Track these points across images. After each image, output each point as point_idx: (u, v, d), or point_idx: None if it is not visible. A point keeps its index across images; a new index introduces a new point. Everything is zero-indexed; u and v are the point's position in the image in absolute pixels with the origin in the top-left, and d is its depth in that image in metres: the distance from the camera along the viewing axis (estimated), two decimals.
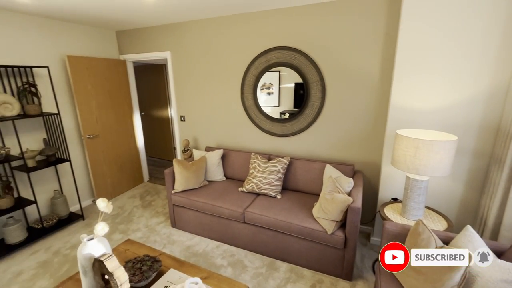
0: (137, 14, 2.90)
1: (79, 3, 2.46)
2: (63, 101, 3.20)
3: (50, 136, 3.04)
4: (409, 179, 1.95)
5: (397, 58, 2.16)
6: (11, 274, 2.31)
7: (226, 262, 2.40)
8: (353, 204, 2.01)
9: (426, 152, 1.71)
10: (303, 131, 2.92)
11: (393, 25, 2.29)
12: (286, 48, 2.76)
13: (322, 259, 2.21)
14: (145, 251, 1.83)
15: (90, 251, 1.38)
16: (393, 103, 2.25)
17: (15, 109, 2.62)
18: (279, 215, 2.32)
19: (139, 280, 1.46)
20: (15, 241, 2.62)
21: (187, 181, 2.79)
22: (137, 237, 2.81)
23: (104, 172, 3.63)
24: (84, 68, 3.26)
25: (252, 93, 3.08)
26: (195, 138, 3.72)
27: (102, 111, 3.54)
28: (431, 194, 2.24)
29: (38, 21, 2.89)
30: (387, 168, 2.42)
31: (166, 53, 3.53)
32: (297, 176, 2.75)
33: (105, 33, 3.66)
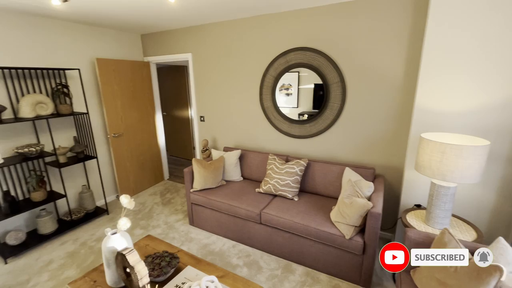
0: (161, 18, 3.01)
1: (109, 9, 2.59)
2: (91, 101, 3.38)
3: (80, 134, 3.23)
4: (434, 185, 1.85)
5: (423, 57, 2.06)
6: (42, 263, 2.48)
7: (242, 262, 2.42)
8: (373, 209, 1.94)
9: (454, 158, 1.62)
10: (322, 132, 2.87)
11: (420, 24, 2.19)
12: (306, 49, 2.74)
13: (340, 264, 2.16)
14: (164, 247, 1.89)
15: (113, 244, 1.45)
16: (418, 105, 2.15)
17: (49, 109, 2.81)
18: (296, 217, 2.30)
19: (158, 275, 1.51)
20: (47, 232, 2.81)
21: (205, 180, 2.85)
22: (156, 233, 2.91)
23: (127, 169, 3.80)
24: (111, 70, 3.43)
25: (271, 94, 3.08)
26: (214, 138, 3.78)
27: (127, 111, 3.70)
28: (459, 202, 2.11)
29: (71, 26, 3.09)
30: (410, 173, 2.31)
31: (188, 54, 3.63)
32: (315, 178, 2.71)
33: (131, 37, 3.83)
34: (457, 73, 1.96)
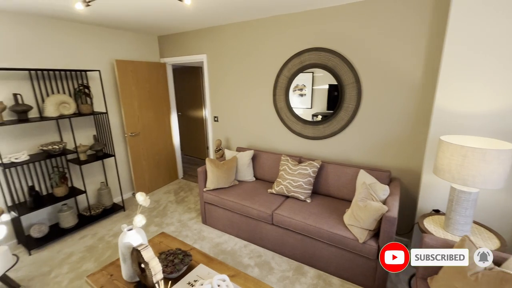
0: (177, 20, 3.07)
1: (128, 12, 2.68)
2: (110, 101, 3.51)
3: (99, 133, 3.36)
4: (454, 190, 1.78)
5: (443, 57, 1.98)
6: (63, 255, 2.60)
7: (253, 262, 2.42)
8: (388, 213, 1.89)
9: (476, 162, 1.55)
10: (336, 134, 2.83)
11: (440, 22, 2.11)
12: (321, 49, 2.71)
13: (353, 268, 2.12)
14: (177, 245, 1.92)
15: (129, 240, 1.49)
16: (437, 106, 2.07)
17: (72, 108, 2.94)
18: (308, 219, 2.27)
19: (171, 272, 1.54)
20: (68, 226, 2.94)
21: (218, 180, 2.88)
22: (170, 230, 2.97)
23: (143, 168, 3.90)
24: (129, 71, 3.54)
25: (284, 95, 3.07)
26: (227, 138, 3.81)
27: (143, 111, 3.81)
28: (481, 208, 2.01)
29: (92, 29, 3.22)
30: (428, 176, 2.23)
31: (203, 56, 3.68)
32: (328, 180, 2.68)
33: (148, 38, 3.94)
34: (479, 73, 1.88)
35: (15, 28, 2.60)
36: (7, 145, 2.62)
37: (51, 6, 2.40)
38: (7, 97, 2.56)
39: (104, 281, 1.60)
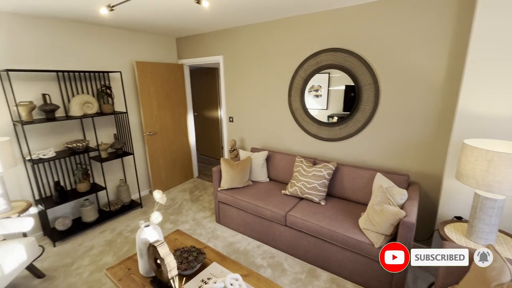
0: (195, 22, 3.14)
1: (148, 15, 2.77)
2: (130, 102, 3.63)
3: (119, 132, 3.49)
4: (478, 196, 1.69)
5: (468, 58, 1.89)
6: (84, 248, 2.72)
7: (266, 263, 2.43)
8: (406, 218, 1.83)
9: (503, 167, 1.47)
10: (352, 136, 2.77)
11: (465, 19, 2.02)
12: (338, 49, 2.67)
13: (368, 274, 2.07)
14: (191, 243, 1.96)
15: (146, 236, 1.54)
16: (461, 108, 1.99)
17: (94, 108, 3.08)
18: (322, 222, 2.25)
19: (186, 268, 1.58)
20: (89, 220, 3.08)
21: (233, 180, 2.91)
22: (185, 228, 3.03)
23: (160, 166, 4.01)
24: (148, 72, 3.65)
25: (300, 96, 3.05)
26: (242, 139, 3.84)
27: (161, 111, 3.91)
28: (507, 216, 1.90)
29: (114, 32, 3.35)
30: (450, 181, 2.14)
31: (219, 57, 3.73)
32: (344, 183, 2.63)
33: (167, 40, 4.05)
34: (506, 75, 1.78)
35: (47, 32, 2.75)
36: (36, 142, 2.79)
37: (78, 11, 2.54)
38: (37, 97, 2.72)
39: (122, 274, 1.66)
